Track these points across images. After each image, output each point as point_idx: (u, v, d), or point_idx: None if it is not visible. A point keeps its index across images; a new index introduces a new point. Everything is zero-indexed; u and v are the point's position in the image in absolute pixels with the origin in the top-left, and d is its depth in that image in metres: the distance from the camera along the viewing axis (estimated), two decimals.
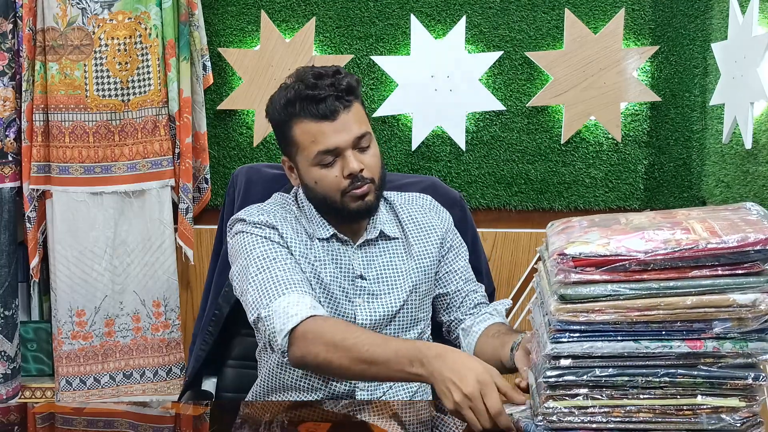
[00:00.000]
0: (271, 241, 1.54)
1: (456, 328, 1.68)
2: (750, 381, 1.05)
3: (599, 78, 2.52)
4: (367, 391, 1.58)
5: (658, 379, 1.07)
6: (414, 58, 2.54)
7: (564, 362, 1.09)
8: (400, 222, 1.67)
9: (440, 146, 2.58)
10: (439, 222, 1.70)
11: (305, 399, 1.58)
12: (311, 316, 1.40)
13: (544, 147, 2.58)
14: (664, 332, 1.06)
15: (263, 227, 1.56)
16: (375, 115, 2.55)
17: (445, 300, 1.70)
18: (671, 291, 1.05)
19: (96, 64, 2.39)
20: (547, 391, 1.09)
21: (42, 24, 2.37)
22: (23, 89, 2.39)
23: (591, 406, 1.08)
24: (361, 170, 1.52)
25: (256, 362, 1.72)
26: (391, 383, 1.60)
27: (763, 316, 1.04)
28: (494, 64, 2.54)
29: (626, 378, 1.08)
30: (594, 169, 2.57)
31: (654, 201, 2.58)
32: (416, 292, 1.62)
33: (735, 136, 2.29)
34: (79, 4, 2.37)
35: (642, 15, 2.53)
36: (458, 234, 1.73)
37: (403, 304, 1.60)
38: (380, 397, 1.58)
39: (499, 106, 2.55)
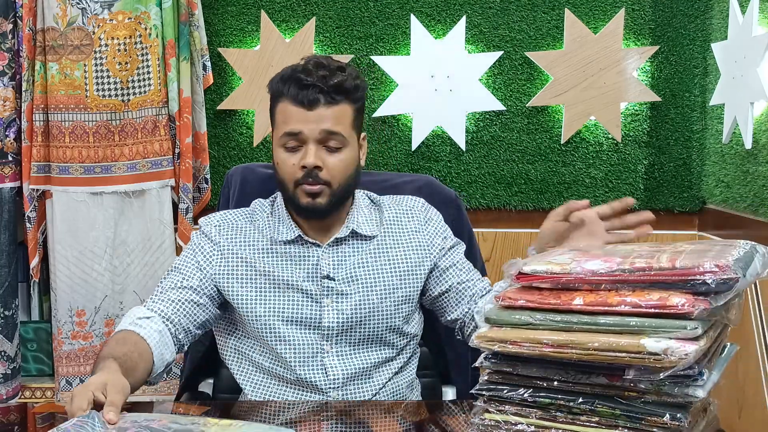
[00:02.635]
0: (193, 254, 1.59)
1: (471, 320, 1.63)
2: (667, 420, 1.00)
3: (599, 78, 2.52)
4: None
5: (578, 407, 1.05)
6: (414, 58, 2.54)
7: (494, 377, 1.11)
8: (383, 222, 1.64)
9: (440, 146, 2.58)
10: (425, 226, 1.66)
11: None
12: (122, 330, 1.44)
13: (544, 147, 2.58)
14: (584, 367, 1.05)
15: (202, 238, 1.61)
16: (375, 114, 2.55)
17: (449, 295, 1.65)
18: (586, 326, 1.03)
19: (96, 64, 2.39)
20: (481, 403, 1.12)
21: (42, 24, 2.37)
22: (23, 89, 2.39)
23: (520, 423, 1.09)
24: (317, 168, 1.50)
25: None
26: (370, 394, 1.59)
27: (673, 368, 0.97)
28: (494, 64, 2.54)
29: (548, 400, 1.07)
30: (594, 169, 2.57)
31: (654, 201, 2.58)
32: (392, 296, 1.59)
33: (735, 136, 2.29)
34: (79, 4, 2.37)
35: (642, 15, 2.53)
36: (450, 233, 1.70)
37: (375, 306, 1.58)
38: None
39: (499, 106, 2.55)
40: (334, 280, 1.57)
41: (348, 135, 1.53)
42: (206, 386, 1.81)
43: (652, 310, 0.99)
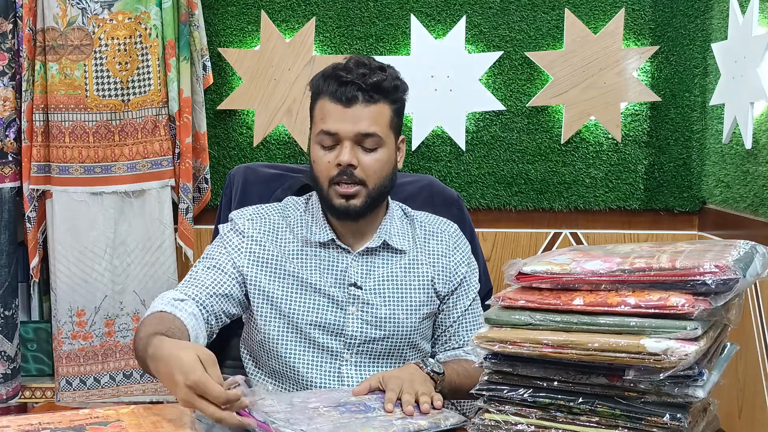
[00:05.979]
0: (223, 244, 1.58)
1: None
2: (667, 420, 1.00)
3: (599, 78, 2.52)
4: None
5: (578, 407, 1.05)
6: (414, 58, 2.54)
7: (494, 377, 1.11)
8: (414, 239, 1.64)
9: (440, 146, 2.58)
10: (453, 252, 1.65)
11: None
12: (159, 311, 1.43)
13: (544, 147, 2.58)
14: (584, 367, 1.05)
15: (234, 234, 1.59)
16: None
17: (439, 328, 1.67)
18: (586, 327, 1.02)
19: (96, 64, 2.39)
20: (481, 403, 1.12)
21: (42, 24, 2.37)
22: (23, 89, 2.39)
23: (520, 423, 1.09)
24: (352, 166, 1.49)
25: None
26: None
27: (673, 368, 0.96)
28: (494, 64, 2.54)
29: (548, 400, 1.07)
30: (594, 169, 2.57)
31: (654, 201, 2.58)
32: (417, 312, 1.59)
33: (735, 136, 2.29)
34: (79, 4, 2.37)
35: (642, 15, 2.53)
36: (473, 270, 1.69)
37: (401, 321, 1.57)
38: None
39: (499, 106, 2.55)
40: (361, 289, 1.56)
41: (384, 135, 1.52)
42: None
43: (652, 311, 0.99)
